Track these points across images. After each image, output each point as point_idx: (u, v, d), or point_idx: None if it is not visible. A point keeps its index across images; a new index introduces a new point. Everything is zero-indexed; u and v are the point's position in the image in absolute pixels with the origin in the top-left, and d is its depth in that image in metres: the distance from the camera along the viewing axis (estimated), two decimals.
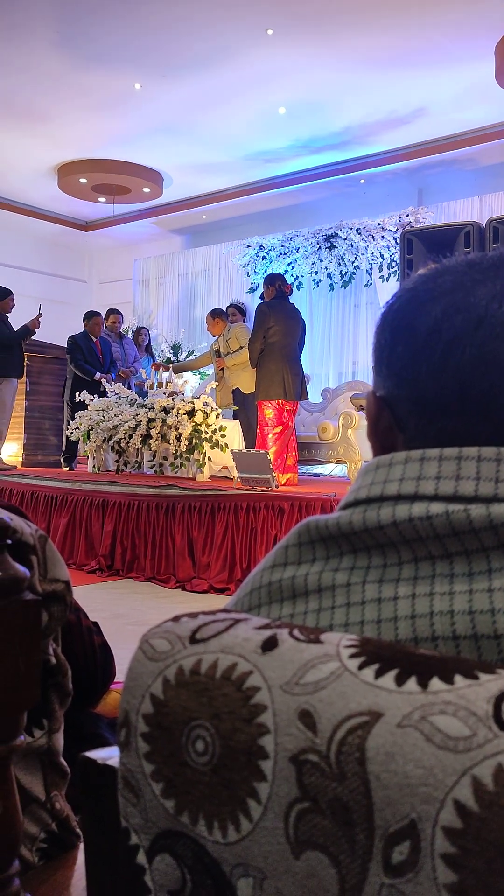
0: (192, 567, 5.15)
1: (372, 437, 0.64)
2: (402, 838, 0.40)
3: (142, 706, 0.50)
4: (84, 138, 8.09)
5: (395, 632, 0.51)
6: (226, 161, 8.56)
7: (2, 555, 0.72)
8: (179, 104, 7.22)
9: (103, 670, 1.25)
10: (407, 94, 6.93)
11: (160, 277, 11.18)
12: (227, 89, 6.90)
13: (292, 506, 4.86)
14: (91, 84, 6.91)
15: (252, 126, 7.64)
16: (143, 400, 6.62)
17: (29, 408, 8.52)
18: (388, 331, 0.62)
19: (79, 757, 0.60)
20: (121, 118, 7.58)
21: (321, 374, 9.30)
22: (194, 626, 0.51)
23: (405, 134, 7.79)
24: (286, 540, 0.60)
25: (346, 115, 7.40)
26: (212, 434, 6.00)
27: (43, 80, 6.85)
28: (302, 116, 7.41)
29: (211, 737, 0.47)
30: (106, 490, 5.75)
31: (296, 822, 0.43)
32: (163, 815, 0.49)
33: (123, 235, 11.32)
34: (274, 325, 6.00)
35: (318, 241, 8.72)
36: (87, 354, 7.84)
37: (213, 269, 10.55)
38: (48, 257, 11.65)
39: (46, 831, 0.95)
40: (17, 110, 7.47)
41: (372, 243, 8.38)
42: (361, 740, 0.42)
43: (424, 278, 0.62)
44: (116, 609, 4.38)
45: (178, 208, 10.05)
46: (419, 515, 0.52)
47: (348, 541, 0.55)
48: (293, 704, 0.44)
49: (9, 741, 0.74)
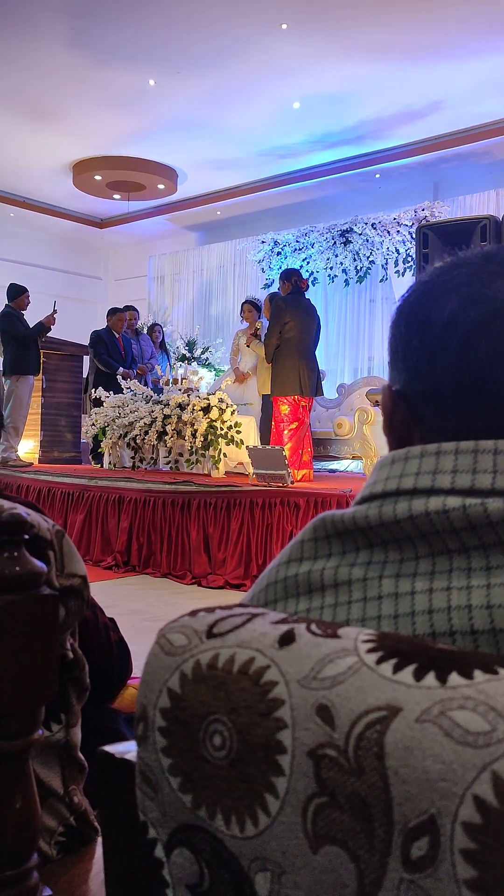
0: (207, 563, 5.16)
1: (388, 432, 0.63)
2: (422, 833, 0.40)
3: (159, 700, 0.50)
4: (99, 135, 8.11)
5: (412, 627, 0.51)
6: (240, 157, 8.55)
7: (19, 550, 0.73)
8: (194, 100, 7.22)
9: (120, 666, 1.26)
10: (422, 88, 6.88)
11: (175, 274, 11.18)
12: (241, 84, 6.88)
13: (308, 502, 4.86)
14: (105, 81, 6.92)
15: (266, 121, 7.62)
16: (158, 396, 6.63)
17: (45, 405, 8.54)
18: (403, 324, 0.61)
19: (96, 751, 0.61)
20: (135, 115, 7.59)
21: (336, 370, 9.28)
22: (211, 621, 0.51)
23: (420, 128, 7.74)
24: (302, 535, 0.60)
25: (360, 110, 7.36)
26: (227, 430, 6.01)
27: (57, 78, 6.87)
28: (316, 111, 7.38)
29: (228, 731, 0.47)
30: (122, 486, 5.76)
31: (314, 816, 0.43)
32: (180, 809, 0.49)
33: (138, 232, 11.34)
34: (290, 320, 5.99)
35: (333, 237, 8.69)
36: (110, 349, 7.88)
37: (228, 266, 10.55)
38: (63, 254, 11.69)
39: (65, 825, 0.96)
40: (32, 108, 7.50)
41: (387, 238, 8.34)
42: (380, 735, 0.41)
43: (439, 271, 0.61)
44: (132, 605, 4.39)
45: (193, 204, 10.05)
46: (436, 509, 0.52)
47: (364, 535, 0.55)
48: (311, 699, 0.44)
49: (27, 735, 0.74)
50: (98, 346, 7.82)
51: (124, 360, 7.99)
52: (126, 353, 8.05)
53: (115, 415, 6.74)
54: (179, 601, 4.56)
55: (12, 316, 7.48)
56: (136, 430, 6.45)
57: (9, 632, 0.71)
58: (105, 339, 7.86)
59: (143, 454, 6.69)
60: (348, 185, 9.10)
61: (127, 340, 8.17)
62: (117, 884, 0.60)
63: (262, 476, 5.35)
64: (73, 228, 11.17)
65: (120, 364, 7.88)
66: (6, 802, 0.74)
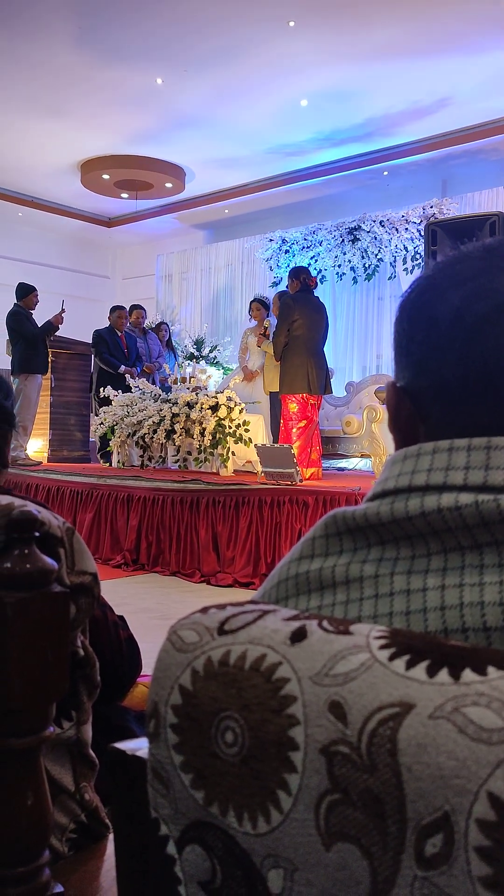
0: (216, 561, 5.16)
1: (393, 429, 0.63)
2: (436, 830, 0.39)
3: (171, 697, 0.50)
4: (106, 134, 8.12)
5: (424, 623, 0.50)
6: (248, 155, 8.54)
7: (30, 547, 0.73)
8: (201, 98, 7.21)
9: (130, 664, 1.26)
10: (430, 84, 6.86)
11: (183, 273, 11.19)
12: (248, 82, 6.88)
13: (317, 500, 4.85)
14: (112, 79, 6.92)
15: (274, 119, 7.61)
16: (166, 395, 6.64)
17: (54, 403, 8.57)
18: (407, 320, 0.61)
19: (108, 748, 0.61)
20: (143, 113, 7.59)
21: (345, 368, 9.26)
22: (223, 618, 0.51)
23: (429, 124, 7.72)
24: (313, 531, 0.60)
25: (368, 107, 7.34)
26: (235, 429, 6.01)
27: (65, 76, 6.88)
28: (324, 108, 7.36)
29: (240, 728, 0.47)
30: (131, 485, 5.77)
31: (326, 813, 0.43)
32: (192, 806, 0.49)
33: (146, 231, 11.35)
34: (298, 318, 5.99)
35: (342, 234, 8.67)
36: (111, 348, 7.90)
37: (236, 264, 10.54)
38: (72, 254, 11.71)
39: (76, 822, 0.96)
40: (40, 107, 7.51)
41: (395, 236, 8.32)
42: (393, 732, 0.41)
43: (442, 266, 0.61)
44: (142, 603, 4.40)
45: (201, 203, 10.05)
46: (448, 506, 0.51)
47: (376, 532, 0.55)
48: (323, 695, 0.44)
49: (38, 732, 0.74)
50: (100, 346, 7.85)
51: (127, 357, 8.00)
52: (129, 350, 8.06)
53: (123, 413, 6.75)
54: (188, 599, 4.57)
55: (21, 315, 7.50)
56: (145, 429, 6.46)
57: (20, 629, 0.71)
58: (106, 339, 7.88)
59: (151, 453, 6.70)
60: (356, 182, 9.07)
61: (130, 338, 8.18)
62: (129, 880, 0.60)
63: (270, 474, 5.35)
64: (81, 227, 11.19)
65: (122, 362, 7.89)
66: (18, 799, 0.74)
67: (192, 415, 6.08)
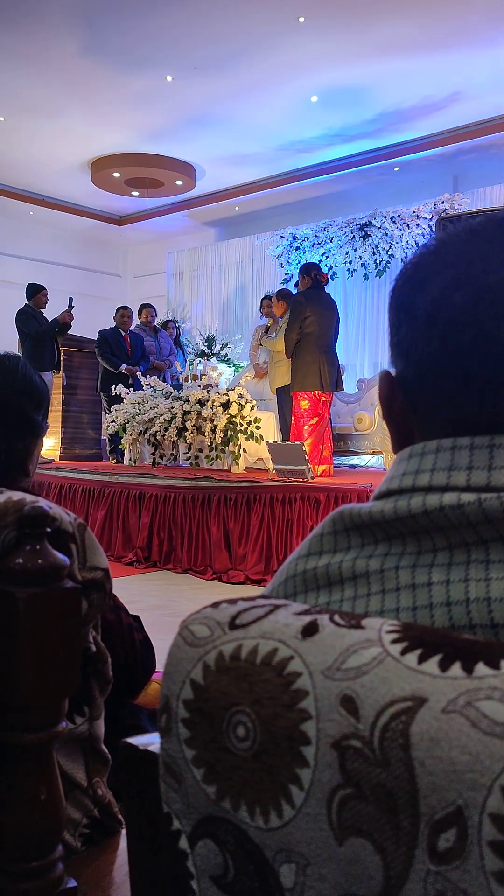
0: (228, 558, 5.17)
1: (388, 420, 0.62)
2: (449, 825, 0.39)
3: (182, 692, 0.50)
4: (116, 132, 8.13)
5: (430, 619, 0.50)
6: (258, 152, 8.53)
7: (41, 543, 0.73)
8: (211, 95, 7.21)
9: (144, 666, 1.26)
10: (441, 79, 6.83)
11: (194, 270, 11.20)
12: (258, 79, 6.87)
13: (328, 497, 4.85)
14: (122, 77, 6.93)
15: (284, 115, 7.60)
16: (178, 393, 6.65)
17: (66, 402, 8.61)
18: (395, 308, 0.60)
19: (120, 743, 0.61)
20: (153, 111, 7.60)
21: (356, 365, 9.25)
22: (234, 612, 0.51)
23: (440, 119, 7.68)
24: (321, 528, 0.59)
25: (379, 102, 7.32)
26: (247, 426, 6.01)
27: (73, 74, 6.89)
28: (334, 104, 7.35)
29: (252, 722, 0.47)
30: (142, 483, 5.79)
31: (339, 808, 0.43)
32: (204, 801, 0.49)
33: (157, 229, 11.36)
34: (310, 315, 5.97)
35: (352, 231, 8.65)
36: (114, 347, 7.93)
37: (247, 261, 10.54)
38: (82, 252, 11.74)
39: (89, 817, 0.96)
40: (49, 106, 7.53)
41: (407, 231, 8.29)
42: (405, 726, 0.41)
43: (426, 251, 0.59)
44: (154, 600, 4.41)
45: (211, 200, 10.05)
46: (450, 504, 0.51)
47: (382, 529, 0.55)
48: (335, 690, 0.44)
49: (51, 728, 0.74)
50: (102, 346, 7.90)
51: (130, 356, 8.04)
52: (133, 349, 8.10)
53: (135, 411, 6.76)
54: (200, 596, 4.57)
55: (27, 313, 7.55)
56: (156, 427, 6.47)
57: (32, 625, 0.71)
58: (109, 339, 7.93)
59: (163, 450, 6.71)
60: (367, 178, 9.05)
61: (135, 337, 8.22)
62: (141, 875, 0.60)
63: (282, 471, 5.35)
64: (91, 226, 11.21)
65: (123, 361, 7.92)
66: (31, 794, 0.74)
67: (204, 412, 6.09)
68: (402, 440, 0.60)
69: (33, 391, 1.08)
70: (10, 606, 0.71)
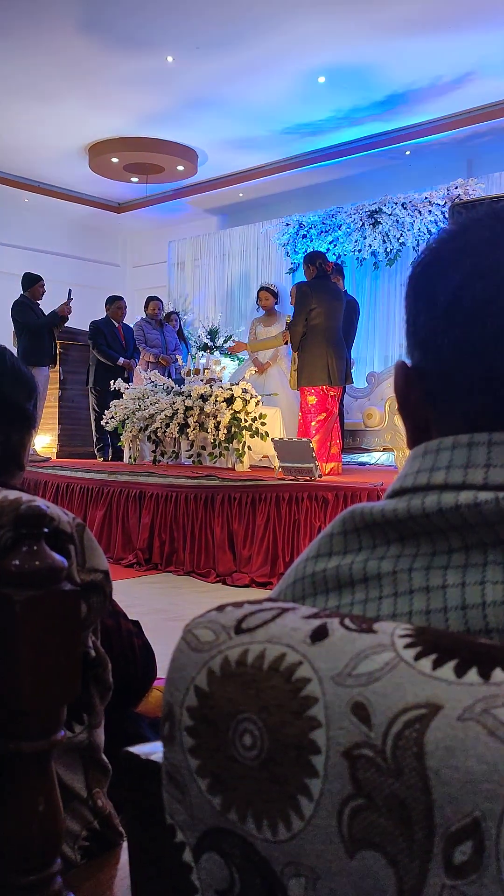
0: (232, 560, 5.17)
1: (403, 414, 0.62)
2: (465, 837, 0.39)
3: (186, 699, 0.50)
4: (115, 116, 8.12)
5: (445, 623, 0.50)
6: (263, 135, 8.52)
7: (39, 544, 0.73)
8: (214, 77, 7.20)
9: (144, 673, 1.27)
10: (454, 59, 6.80)
11: (196, 259, 11.19)
12: (263, 59, 6.85)
13: (336, 496, 4.85)
14: (121, 58, 6.92)
15: (290, 97, 7.59)
16: (179, 387, 6.65)
17: (63, 397, 8.62)
18: (412, 296, 0.60)
19: (121, 752, 0.61)
20: (153, 93, 7.59)
21: (366, 358, 9.23)
22: (240, 616, 0.51)
23: (453, 101, 7.66)
24: (331, 528, 0.59)
25: (389, 83, 7.30)
26: (251, 422, 6.00)
27: (70, 55, 6.88)
28: (343, 85, 7.33)
29: (259, 731, 0.47)
30: (143, 481, 5.79)
31: (350, 819, 0.43)
32: (209, 812, 0.49)
33: (157, 216, 11.36)
34: (316, 306, 5.96)
35: (362, 218, 8.63)
36: (109, 340, 7.93)
37: (252, 250, 10.52)
38: (80, 241, 11.74)
39: (89, 829, 0.97)
40: (45, 89, 7.53)
41: (418, 218, 8.27)
42: (419, 734, 0.41)
43: (448, 236, 0.59)
44: (155, 604, 4.42)
45: (214, 186, 10.04)
46: (466, 503, 0.51)
47: (395, 529, 0.54)
48: (346, 697, 0.44)
49: (49, 736, 0.75)
50: (97, 338, 7.88)
51: (125, 349, 8.04)
52: (127, 342, 8.10)
53: (134, 407, 6.76)
54: (203, 600, 4.58)
55: (24, 305, 7.55)
56: (157, 423, 6.48)
57: (29, 628, 0.72)
58: (104, 330, 7.93)
59: (164, 448, 6.71)
60: (377, 163, 9.03)
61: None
62: (143, 890, 0.60)
63: (288, 469, 5.35)
64: (89, 213, 11.21)
65: (120, 354, 7.92)
66: (29, 805, 0.75)
67: (207, 408, 6.09)
68: (417, 435, 0.60)
69: (24, 381, 1.09)
70: (7, 610, 0.71)
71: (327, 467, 5.87)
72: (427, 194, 8.22)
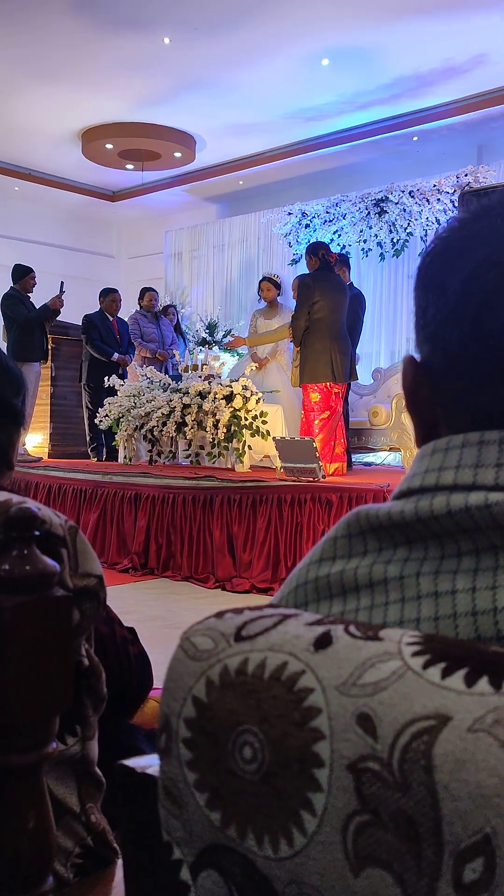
0: (232, 565, 5.17)
1: (411, 410, 0.62)
2: (475, 854, 0.39)
3: (183, 710, 0.50)
4: (109, 100, 8.13)
5: (454, 630, 0.50)
6: (264, 121, 8.53)
7: (29, 547, 0.73)
8: (213, 59, 7.20)
9: (139, 682, 1.27)
10: (465, 39, 6.80)
11: (194, 250, 11.19)
12: (264, 40, 6.85)
13: (341, 498, 4.85)
14: (115, 40, 6.92)
15: (293, 80, 7.59)
16: (177, 384, 6.65)
17: (55, 394, 8.62)
18: (421, 287, 0.60)
19: (115, 765, 0.61)
20: (149, 77, 7.59)
21: (371, 353, 9.23)
22: (240, 623, 0.51)
23: (463, 84, 7.66)
24: (334, 531, 0.59)
25: (396, 66, 7.30)
26: (252, 420, 6.01)
27: (62, 37, 6.88)
28: (347, 68, 7.33)
29: (259, 743, 0.47)
30: (138, 482, 5.80)
31: (355, 836, 0.43)
32: (208, 828, 0.49)
33: (153, 205, 11.36)
34: (319, 299, 5.96)
35: (367, 207, 8.64)
36: (103, 334, 7.93)
37: (252, 240, 10.53)
38: (72, 231, 11.75)
39: (81, 846, 0.97)
40: (36, 71, 7.53)
41: (426, 207, 8.27)
42: (428, 746, 0.41)
43: (459, 225, 0.59)
44: (151, 611, 4.42)
45: (213, 174, 10.04)
46: (476, 504, 0.51)
47: (402, 531, 0.54)
48: (350, 707, 0.44)
49: (40, 748, 0.75)
50: (91, 332, 7.89)
51: (119, 344, 8.04)
52: (122, 337, 8.10)
53: (130, 404, 6.77)
54: (202, 606, 4.58)
55: (15, 298, 7.55)
56: (154, 422, 6.48)
57: (19, 636, 0.72)
58: (97, 324, 7.93)
59: (160, 447, 6.72)
60: (383, 149, 9.03)
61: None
62: None
63: (290, 470, 5.35)
64: (82, 202, 11.22)
65: (115, 349, 7.92)
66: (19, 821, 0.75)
67: (205, 405, 6.09)
68: (425, 433, 0.60)
69: (11, 376, 1.09)
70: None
71: (331, 468, 5.87)
72: (436, 182, 8.22)
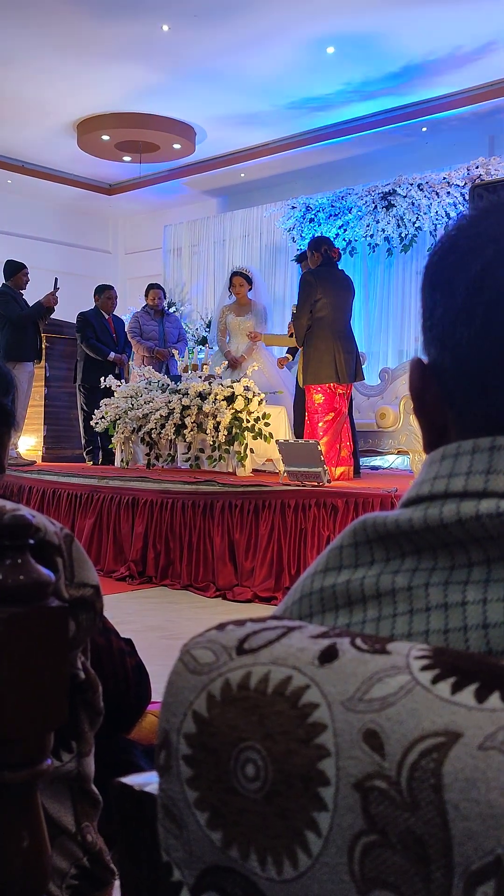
0: (233, 573, 5.17)
1: (419, 414, 0.62)
2: (487, 877, 0.39)
3: (183, 725, 0.50)
4: (105, 90, 8.14)
5: (465, 643, 0.50)
6: (267, 111, 8.53)
7: (23, 556, 0.73)
8: (213, 47, 7.21)
9: (137, 695, 1.27)
10: (476, 26, 6.81)
11: (194, 245, 11.21)
12: (267, 27, 6.86)
13: (347, 503, 4.85)
14: (112, 27, 6.94)
15: (296, 69, 7.60)
16: (175, 385, 6.65)
17: (49, 395, 8.61)
18: (429, 288, 0.60)
19: (113, 783, 0.61)
20: (147, 66, 7.60)
21: (379, 353, 9.24)
22: (242, 635, 0.51)
23: (474, 72, 7.67)
24: (340, 539, 0.59)
25: (404, 53, 7.31)
26: (254, 423, 6.00)
27: (56, 23, 6.90)
28: (353, 56, 7.34)
29: (263, 760, 0.47)
30: (136, 487, 5.80)
31: (361, 857, 0.43)
32: (209, 849, 0.49)
33: (152, 199, 11.37)
34: (322, 297, 5.96)
35: (374, 200, 8.65)
36: (98, 332, 7.94)
37: (254, 235, 10.54)
38: (68, 225, 11.76)
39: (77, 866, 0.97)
40: (28, 59, 7.54)
41: (436, 201, 8.28)
42: (437, 764, 0.41)
43: (467, 222, 0.60)
44: (149, 621, 4.42)
45: (213, 166, 10.05)
46: (488, 512, 0.51)
47: (410, 540, 0.55)
48: (357, 723, 0.44)
49: (34, 765, 0.75)
50: (86, 330, 7.88)
51: (115, 343, 8.04)
52: (118, 335, 8.10)
53: (127, 406, 6.77)
54: (202, 616, 4.58)
55: (7, 296, 7.56)
56: (152, 424, 6.47)
57: (13, 649, 0.72)
58: (93, 322, 7.93)
59: (159, 450, 6.71)
60: (391, 140, 9.04)
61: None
62: None
63: (294, 474, 5.35)
64: (78, 195, 11.23)
65: (111, 348, 7.92)
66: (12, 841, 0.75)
67: (205, 407, 6.09)
68: (434, 438, 0.60)
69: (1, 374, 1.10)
70: None
71: (337, 472, 5.86)
72: (445, 174, 8.23)
